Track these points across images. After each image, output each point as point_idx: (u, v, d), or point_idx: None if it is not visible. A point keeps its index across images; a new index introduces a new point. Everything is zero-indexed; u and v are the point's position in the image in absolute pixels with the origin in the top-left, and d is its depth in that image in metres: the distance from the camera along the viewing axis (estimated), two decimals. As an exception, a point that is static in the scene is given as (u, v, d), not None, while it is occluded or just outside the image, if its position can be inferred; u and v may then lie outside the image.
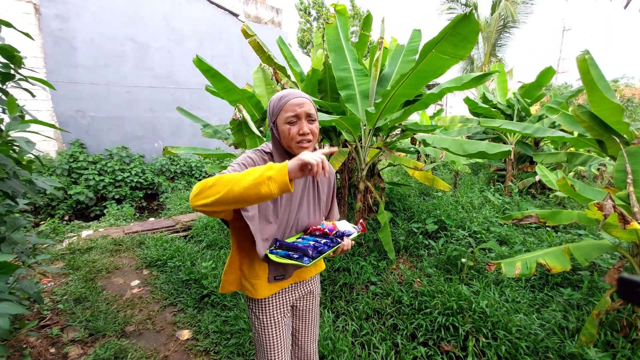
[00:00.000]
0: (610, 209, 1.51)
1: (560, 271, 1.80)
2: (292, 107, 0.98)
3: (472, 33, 1.76)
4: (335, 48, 2.96)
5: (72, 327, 2.29)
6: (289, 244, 1.04)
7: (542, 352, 1.81)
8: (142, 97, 7.26)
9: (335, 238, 1.09)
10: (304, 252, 0.99)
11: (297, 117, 0.98)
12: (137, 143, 7.27)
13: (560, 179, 1.88)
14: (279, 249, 1.04)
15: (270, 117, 1.04)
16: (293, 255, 0.99)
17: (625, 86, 12.99)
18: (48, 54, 6.10)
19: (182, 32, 7.70)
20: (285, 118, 0.99)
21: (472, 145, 2.51)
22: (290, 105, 0.98)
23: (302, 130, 0.99)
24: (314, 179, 1.17)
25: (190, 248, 3.55)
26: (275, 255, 1.00)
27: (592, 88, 1.92)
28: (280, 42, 3.63)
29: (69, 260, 3.28)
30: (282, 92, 1.02)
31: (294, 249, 1.01)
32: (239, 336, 2.13)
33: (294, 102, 0.98)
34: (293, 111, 0.98)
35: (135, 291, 2.86)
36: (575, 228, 3.50)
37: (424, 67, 2.05)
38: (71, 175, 6.19)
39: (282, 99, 1.00)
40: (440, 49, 1.88)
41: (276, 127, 1.02)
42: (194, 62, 2.88)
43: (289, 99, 0.99)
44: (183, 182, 7.32)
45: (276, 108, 1.01)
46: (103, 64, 6.70)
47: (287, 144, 1.01)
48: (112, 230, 4.34)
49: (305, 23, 20.95)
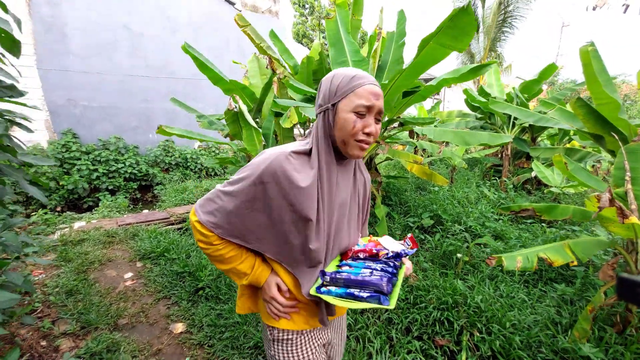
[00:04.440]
0: (606, 201, 1.50)
1: (562, 264, 1.80)
2: (367, 95, 0.76)
3: (470, 26, 1.75)
4: (335, 42, 2.91)
5: (63, 319, 2.26)
6: (348, 278, 0.77)
7: (535, 347, 1.82)
8: (135, 87, 7.12)
9: (389, 260, 0.85)
10: (376, 288, 0.74)
11: (369, 109, 0.77)
12: (131, 134, 7.15)
13: (557, 155, 1.92)
14: (331, 284, 0.79)
15: (328, 96, 0.80)
16: (360, 294, 0.73)
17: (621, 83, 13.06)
18: (38, 40, 5.93)
19: (176, 20, 7.53)
20: (353, 105, 0.76)
21: (474, 136, 2.50)
22: (364, 91, 0.76)
23: (368, 129, 0.78)
24: (355, 184, 0.94)
25: (185, 241, 3.52)
26: (329, 295, 0.77)
27: (592, 81, 1.90)
28: (272, 35, 3.55)
29: (60, 252, 3.23)
30: (352, 71, 0.79)
31: (358, 285, 0.75)
32: (233, 330, 2.11)
33: (370, 90, 0.76)
34: (367, 100, 0.76)
35: (128, 284, 2.83)
36: (569, 224, 3.52)
37: (421, 59, 2.02)
38: (63, 166, 6.09)
39: (354, 79, 0.77)
40: (439, 41, 1.86)
41: (334, 112, 0.79)
42: (183, 49, 2.80)
43: (364, 82, 0.76)
44: (178, 174, 7.25)
45: (343, 88, 0.77)
46: (95, 52, 6.55)
47: (342, 137, 0.79)
48: (105, 222, 4.28)
49: (300, 16, 20.70)
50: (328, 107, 0.80)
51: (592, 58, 1.89)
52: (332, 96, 0.79)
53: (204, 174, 7.84)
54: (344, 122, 0.77)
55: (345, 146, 0.80)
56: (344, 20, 2.96)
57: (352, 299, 0.73)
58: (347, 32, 2.93)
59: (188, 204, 5.30)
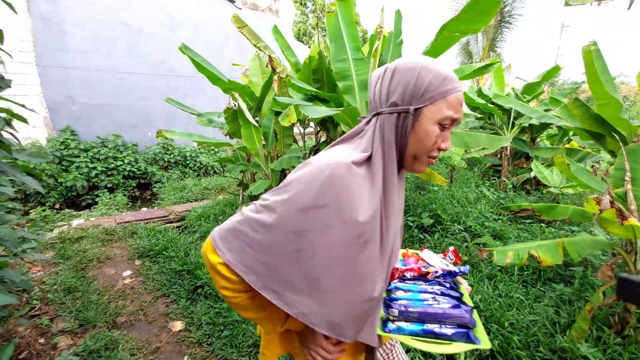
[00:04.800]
0: (607, 204, 1.50)
1: (550, 264, 1.82)
2: (457, 105, 0.61)
3: (493, 4, 1.69)
4: (336, 38, 2.88)
5: (61, 317, 2.25)
6: (425, 312, 0.63)
7: (533, 347, 1.82)
8: (135, 84, 7.09)
9: (445, 281, 0.74)
10: (460, 322, 0.61)
11: (454, 122, 0.62)
12: (130, 131, 7.13)
13: (559, 157, 1.92)
14: (400, 320, 0.64)
15: (410, 95, 0.61)
16: (442, 332, 0.60)
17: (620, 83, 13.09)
18: (37, 37, 5.90)
19: (176, 18, 7.51)
20: (443, 115, 0.60)
21: (473, 138, 2.50)
22: (456, 100, 0.60)
23: (445, 144, 0.63)
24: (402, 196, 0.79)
25: (183, 239, 3.51)
26: (401, 334, 0.62)
27: (594, 80, 1.90)
28: (275, 31, 3.54)
29: (59, 249, 3.23)
30: (442, 68, 0.61)
31: (436, 319, 0.62)
32: (232, 328, 2.11)
33: (460, 99, 0.61)
34: (456, 112, 0.61)
35: (127, 281, 2.82)
36: (568, 224, 3.53)
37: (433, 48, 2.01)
38: (62, 163, 6.07)
39: (447, 81, 0.59)
40: (451, 28, 1.83)
41: (415, 118, 0.61)
42: (180, 50, 2.79)
43: (457, 87, 0.61)
44: (177, 172, 7.23)
45: (434, 91, 0.59)
46: (94, 48, 6.52)
47: (417, 151, 0.63)
48: (104, 220, 4.27)
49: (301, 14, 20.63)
50: (408, 111, 0.61)
51: (594, 58, 1.89)
52: (416, 97, 0.60)
53: (203, 172, 7.83)
54: (425, 134, 0.61)
55: (414, 160, 0.65)
56: (345, 14, 2.89)
57: (432, 337, 0.60)
58: (348, 27, 2.88)
59: (187, 202, 5.28)
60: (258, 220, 0.60)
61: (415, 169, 0.66)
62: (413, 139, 0.62)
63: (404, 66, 0.61)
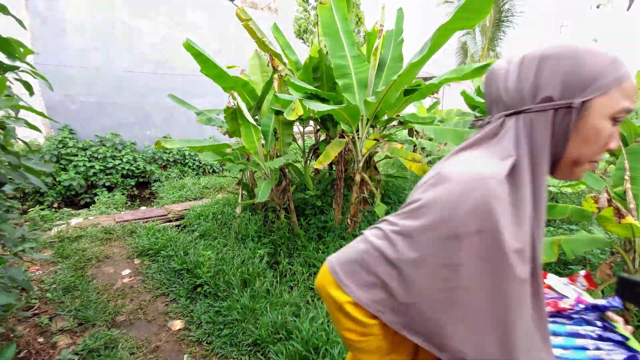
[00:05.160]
0: (604, 202, 1.51)
1: (545, 262, 1.82)
2: (632, 93, 0.49)
3: (486, 4, 1.68)
4: (330, 32, 2.83)
5: (61, 316, 2.25)
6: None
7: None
8: (134, 83, 7.07)
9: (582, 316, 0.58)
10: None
11: (627, 113, 0.50)
12: (128, 130, 7.10)
13: None
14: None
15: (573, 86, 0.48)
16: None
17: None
18: (35, 35, 5.86)
19: (175, 16, 7.47)
20: (617, 107, 0.48)
21: (473, 137, 2.49)
22: (632, 85, 0.49)
23: (614, 143, 0.51)
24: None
25: (183, 238, 3.51)
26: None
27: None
28: (275, 30, 3.53)
29: (57, 248, 3.21)
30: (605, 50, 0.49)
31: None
32: (232, 327, 2.11)
33: (635, 84, 0.50)
34: (632, 101, 0.49)
35: (126, 280, 2.82)
36: (567, 223, 3.54)
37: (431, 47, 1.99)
38: (60, 162, 6.05)
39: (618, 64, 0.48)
40: (446, 26, 1.82)
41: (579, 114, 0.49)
42: (184, 46, 2.78)
43: (629, 73, 0.49)
44: (176, 171, 7.21)
45: (605, 78, 0.47)
46: (93, 47, 6.48)
47: (582, 154, 0.51)
48: (103, 219, 4.26)
49: (302, 11, 20.57)
50: (572, 105, 0.48)
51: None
52: (583, 87, 0.48)
53: (202, 171, 7.82)
54: (595, 133, 0.49)
55: (574, 166, 0.53)
56: (339, 6, 2.82)
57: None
58: (343, 20, 2.84)
59: (186, 200, 5.27)
60: (395, 250, 0.49)
61: (574, 177, 0.54)
62: (577, 140, 0.50)
63: (555, 53, 0.50)
